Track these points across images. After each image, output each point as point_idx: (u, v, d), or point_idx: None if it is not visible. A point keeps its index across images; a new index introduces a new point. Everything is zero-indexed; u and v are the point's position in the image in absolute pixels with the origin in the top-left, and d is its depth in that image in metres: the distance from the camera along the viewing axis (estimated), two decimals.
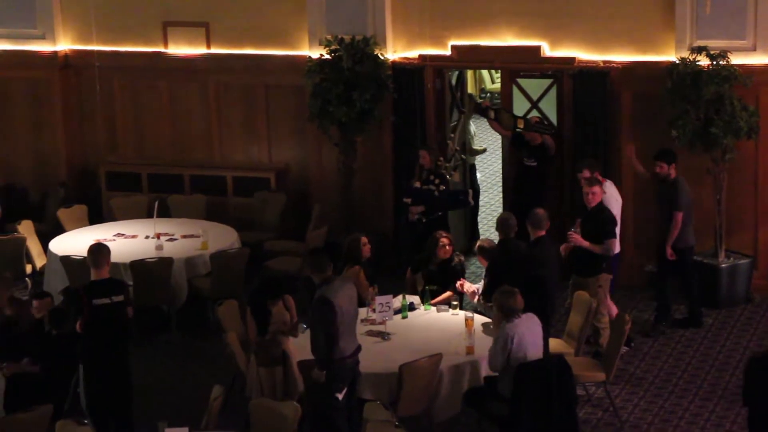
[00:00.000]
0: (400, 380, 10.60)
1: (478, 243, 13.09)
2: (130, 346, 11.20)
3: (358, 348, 10.58)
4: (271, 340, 11.13)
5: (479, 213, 17.42)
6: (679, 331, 13.81)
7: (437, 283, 12.74)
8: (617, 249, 13.21)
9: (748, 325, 13.98)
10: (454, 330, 11.61)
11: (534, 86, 15.83)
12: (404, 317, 12.05)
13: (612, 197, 13.27)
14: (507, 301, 10.76)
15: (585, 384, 11.98)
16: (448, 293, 12.65)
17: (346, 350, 10.38)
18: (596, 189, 12.85)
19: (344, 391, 10.40)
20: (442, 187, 14.52)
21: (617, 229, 13.16)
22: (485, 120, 16.39)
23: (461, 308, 12.32)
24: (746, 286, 14.56)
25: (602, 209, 12.89)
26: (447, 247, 12.84)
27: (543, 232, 12.06)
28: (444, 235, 12.97)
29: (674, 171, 13.64)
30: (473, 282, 13.19)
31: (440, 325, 11.90)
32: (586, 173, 13.20)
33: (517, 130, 15.18)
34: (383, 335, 11.56)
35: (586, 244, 12.64)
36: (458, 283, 12.70)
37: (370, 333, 11.60)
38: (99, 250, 11.08)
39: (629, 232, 14.93)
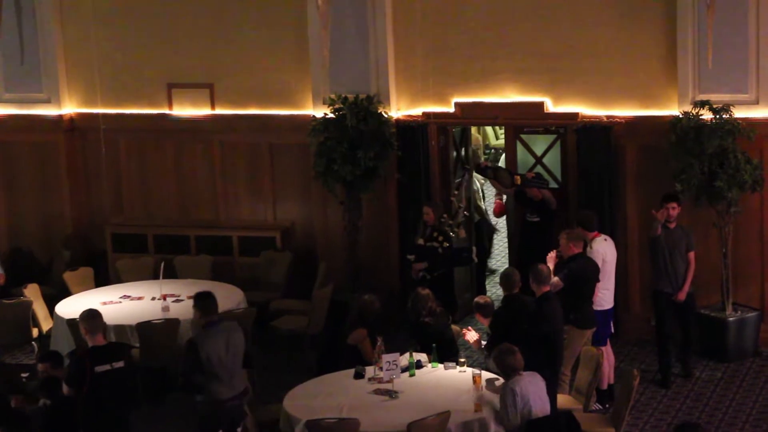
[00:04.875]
0: None
1: (474, 300, 13.02)
2: (132, 413, 11.08)
3: (244, 391, 11.03)
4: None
5: (486, 268, 17.40)
6: (687, 385, 13.77)
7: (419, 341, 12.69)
8: (609, 304, 13.19)
9: (756, 379, 13.92)
10: (462, 387, 11.55)
11: (538, 142, 15.89)
12: (412, 375, 11.98)
13: (598, 253, 13.10)
14: (506, 360, 10.77)
15: None
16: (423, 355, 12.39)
17: (221, 394, 10.85)
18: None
19: None
20: (446, 244, 14.51)
21: (610, 284, 13.13)
22: None
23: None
24: (754, 339, 14.50)
25: (576, 257, 12.81)
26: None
27: (548, 288, 12.04)
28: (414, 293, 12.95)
29: None
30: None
31: (448, 382, 11.84)
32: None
33: (515, 186, 15.22)
34: (391, 393, 11.50)
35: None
36: (463, 331, 12.61)
37: (378, 392, 11.54)
38: (94, 316, 10.92)
39: (635, 286, 14.92)
